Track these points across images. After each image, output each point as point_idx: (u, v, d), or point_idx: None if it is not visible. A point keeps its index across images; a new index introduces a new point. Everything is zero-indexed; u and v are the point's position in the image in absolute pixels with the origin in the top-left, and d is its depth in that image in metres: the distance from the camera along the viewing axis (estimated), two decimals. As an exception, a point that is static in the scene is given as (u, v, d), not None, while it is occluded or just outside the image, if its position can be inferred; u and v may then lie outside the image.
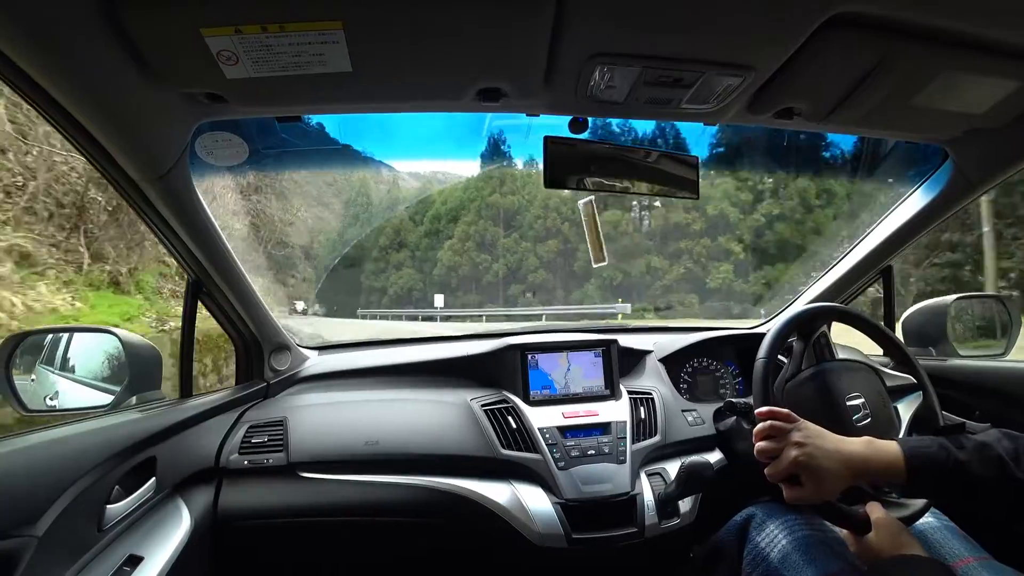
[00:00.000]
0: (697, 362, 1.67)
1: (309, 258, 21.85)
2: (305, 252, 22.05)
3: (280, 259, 19.34)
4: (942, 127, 1.11)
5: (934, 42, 0.81)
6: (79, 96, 0.77)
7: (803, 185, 13.79)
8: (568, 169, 1.06)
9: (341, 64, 0.77)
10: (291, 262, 20.97)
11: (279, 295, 19.62)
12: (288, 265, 19.97)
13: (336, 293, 20.12)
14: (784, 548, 0.95)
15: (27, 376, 1.16)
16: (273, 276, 19.19)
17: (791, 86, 0.91)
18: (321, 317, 19.04)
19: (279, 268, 19.25)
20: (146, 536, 0.96)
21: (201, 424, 1.18)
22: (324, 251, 22.28)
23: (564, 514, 1.17)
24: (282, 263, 19.38)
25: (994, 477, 0.75)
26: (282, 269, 19.44)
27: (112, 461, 0.87)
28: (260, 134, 1.07)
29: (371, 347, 1.76)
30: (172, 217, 1.05)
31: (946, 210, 1.33)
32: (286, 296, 19.80)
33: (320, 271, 21.85)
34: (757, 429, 0.88)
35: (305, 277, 21.56)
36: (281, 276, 20.05)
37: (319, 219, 21.87)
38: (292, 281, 21.10)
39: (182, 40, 0.70)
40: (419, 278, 21.48)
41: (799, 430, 0.85)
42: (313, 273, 21.36)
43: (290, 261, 20.84)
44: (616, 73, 0.86)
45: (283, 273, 19.84)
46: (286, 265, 19.64)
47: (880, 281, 1.58)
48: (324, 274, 21.63)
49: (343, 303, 20.75)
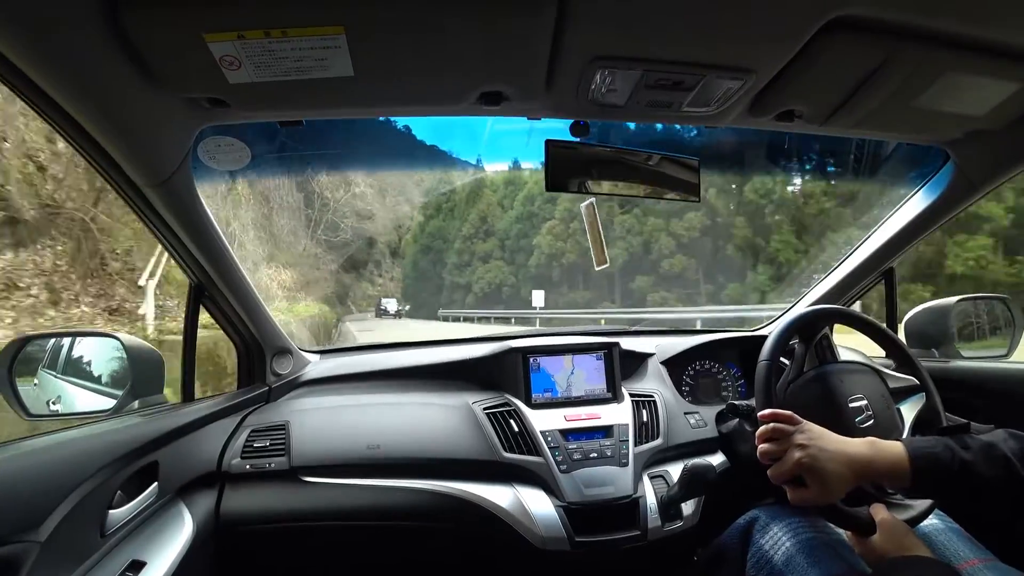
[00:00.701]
0: (699, 364, 1.67)
1: (395, 255, 20.93)
2: (391, 248, 21.12)
3: (357, 255, 18.68)
4: (943, 129, 1.11)
5: (935, 44, 0.81)
6: (82, 101, 0.77)
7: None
8: (570, 172, 1.06)
9: (343, 68, 0.77)
10: (373, 258, 20.17)
11: (360, 294, 18.80)
12: (364, 263, 19.18)
13: (416, 291, 18.93)
14: (788, 551, 0.94)
15: (30, 381, 1.16)
16: (355, 275, 18.59)
17: (792, 89, 0.91)
18: (395, 320, 18.47)
19: (357, 266, 18.57)
20: (148, 541, 0.96)
21: (203, 428, 1.18)
22: (406, 245, 21.26)
23: (567, 517, 1.17)
24: (358, 260, 18.66)
25: (1000, 477, 0.75)
26: (360, 267, 18.75)
27: (114, 466, 0.87)
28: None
29: (372, 351, 1.76)
30: (175, 221, 1.05)
31: (947, 212, 1.33)
32: (362, 295, 18.77)
33: (406, 268, 20.91)
34: (760, 431, 0.88)
35: (394, 276, 20.75)
36: (363, 274, 19.38)
37: (399, 209, 21.02)
38: (380, 280, 20.32)
39: (185, 45, 0.70)
40: (510, 271, 19.14)
41: (802, 432, 0.85)
42: (400, 271, 20.53)
43: (371, 257, 20.05)
44: (617, 76, 0.86)
45: (362, 271, 19.16)
46: (361, 263, 18.88)
47: (882, 283, 1.58)
48: (407, 270, 20.94)
49: (423, 303, 19.67)
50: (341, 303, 17.69)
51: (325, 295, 15.95)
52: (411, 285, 20.01)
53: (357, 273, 19.10)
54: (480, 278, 18.36)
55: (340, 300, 17.55)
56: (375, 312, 18.92)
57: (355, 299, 18.54)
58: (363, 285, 19.29)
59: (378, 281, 20.33)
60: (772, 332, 1.08)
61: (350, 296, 18.35)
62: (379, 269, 20.31)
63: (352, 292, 18.46)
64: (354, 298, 18.53)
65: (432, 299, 19.80)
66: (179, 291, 4.68)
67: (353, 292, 18.49)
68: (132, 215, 1.06)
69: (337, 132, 4.59)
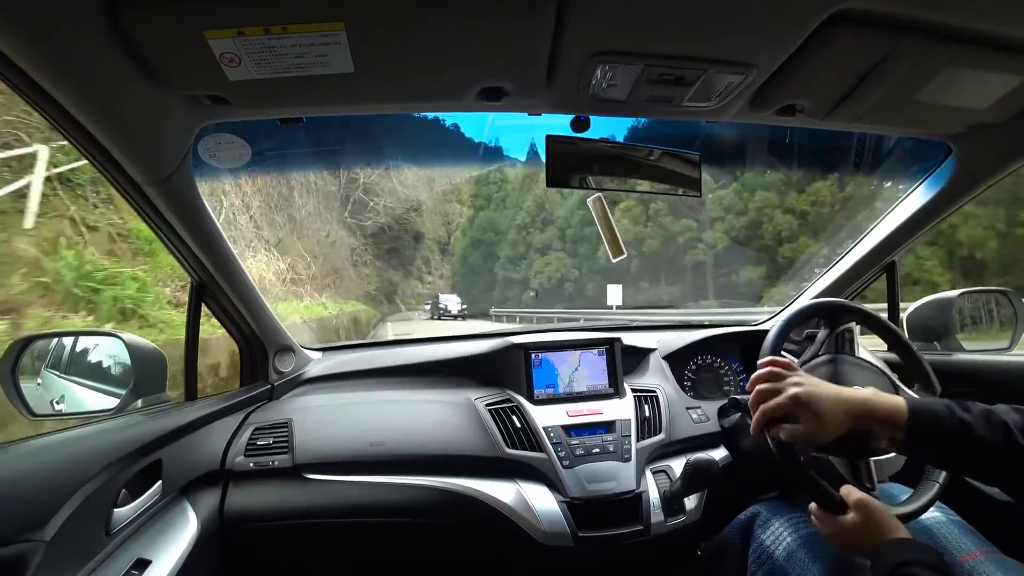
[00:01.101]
0: (701, 359, 1.67)
1: (444, 252, 19.42)
2: (440, 245, 19.78)
3: (405, 252, 17.73)
4: (945, 123, 1.11)
5: (937, 37, 0.81)
6: (82, 99, 0.77)
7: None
8: (571, 168, 1.06)
9: (343, 65, 0.77)
10: (422, 255, 19.05)
11: (407, 291, 17.74)
12: (411, 259, 18.19)
13: (466, 288, 17.16)
14: (789, 546, 0.94)
15: (34, 380, 1.16)
16: (403, 272, 17.63)
17: (793, 83, 0.91)
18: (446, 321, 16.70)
19: (406, 262, 17.59)
20: (153, 539, 0.96)
21: (206, 427, 1.19)
22: (456, 239, 19.60)
23: (570, 513, 1.18)
24: (406, 257, 17.71)
25: (998, 442, 0.74)
26: (409, 263, 17.78)
27: (119, 464, 0.88)
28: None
29: (374, 348, 1.76)
30: (175, 220, 1.05)
31: (949, 205, 1.32)
32: (410, 293, 17.65)
33: (455, 264, 19.62)
34: (756, 374, 0.88)
35: (443, 273, 19.56)
36: (412, 271, 18.42)
37: (446, 200, 19.71)
38: (429, 278, 19.19)
39: (184, 42, 0.70)
40: (573, 264, 16.38)
41: (798, 375, 0.85)
42: (449, 268, 19.42)
43: (420, 254, 18.99)
44: (618, 72, 0.86)
45: (411, 267, 18.19)
46: (409, 259, 17.89)
47: (884, 277, 1.58)
48: (456, 267, 19.27)
49: (474, 301, 17.46)
50: (389, 301, 16.60)
51: (366, 292, 14.89)
52: (460, 282, 18.49)
53: (405, 270, 18.11)
54: (538, 272, 16.16)
55: (388, 298, 16.53)
56: (431, 312, 16.96)
57: (403, 296, 17.51)
58: (411, 283, 18.19)
59: (427, 279, 19.14)
60: (773, 326, 1.08)
61: (398, 294, 17.37)
62: (428, 266, 18.91)
63: (401, 289, 17.47)
64: (403, 295, 17.51)
65: (483, 296, 17.93)
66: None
67: (402, 289, 17.56)
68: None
69: (379, 126, 4.54)
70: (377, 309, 14.94)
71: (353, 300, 13.37)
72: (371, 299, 15.04)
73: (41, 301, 3.89)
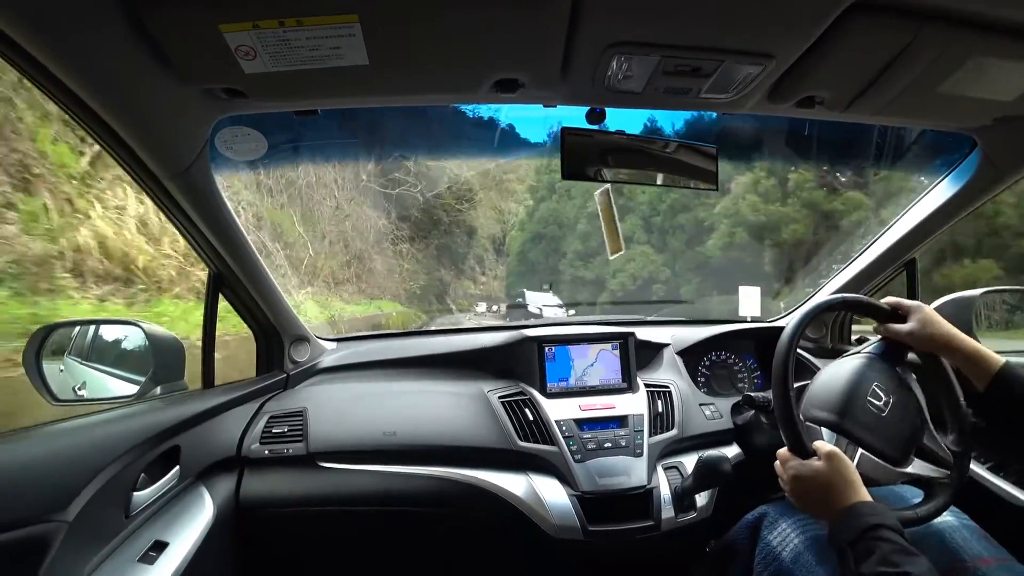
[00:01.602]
0: (715, 355, 1.66)
1: (499, 253, 17.59)
2: (495, 243, 17.85)
3: (456, 251, 16.18)
4: (970, 115, 1.08)
5: (962, 26, 0.78)
6: (101, 93, 0.78)
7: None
8: (586, 161, 1.05)
9: (358, 57, 0.77)
10: (475, 254, 17.16)
11: (460, 292, 16.48)
12: (463, 257, 16.65)
13: (527, 289, 14.65)
14: (796, 547, 0.94)
15: (57, 367, 1.19)
16: (455, 272, 16.51)
17: (813, 74, 0.89)
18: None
19: (457, 261, 16.47)
20: (171, 522, 0.99)
21: (223, 414, 1.21)
22: (511, 240, 17.57)
23: (580, 506, 1.18)
24: (457, 256, 16.50)
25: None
26: (459, 262, 16.58)
27: (138, 449, 0.90)
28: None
29: (389, 339, 1.77)
30: (193, 211, 1.07)
31: (973, 201, 1.29)
32: (462, 294, 16.21)
33: (511, 263, 17.45)
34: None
35: (497, 274, 17.62)
36: (465, 272, 17.17)
37: (505, 191, 17.85)
38: (483, 278, 17.51)
39: (201, 36, 0.71)
40: (663, 261, 13.08)
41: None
42: (505, 267, 17.21)
43: (472, 252, 17.41)
44: (634, 63, 0.85)
45: (463, 267, 16.98)
46: (460, 258, 16.59)
47: (904, 274, 1.55)
48: (512, 266, 17.19)
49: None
50: (440, 301, 15.25)
51: (408, 289, 13.47)
52: (516, 282, 16.32)
53: (457, 269, 16.83)
54: (617, 271, 13.31)
55: (439, 298, 15.26)
56: (508, 317, 14.67)
57: (455, 297, 15.93)
58: (464, 283, 16.87)
59: (481, 280, 17.28)
60: (789, 323, 1.06)
61: (449, 294, 15.88)
62: (482, 265, 17.26)
63: (452, 290, 16.12)
64: (454, 296, 15.99)
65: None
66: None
67: (453, 290, 16.22)
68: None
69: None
70: (417, 310, 13.52)
71: (386, 299, 12.25)
72: (415, 298, 13.87)
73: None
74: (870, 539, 0.72)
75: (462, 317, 14.97)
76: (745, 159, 8.69)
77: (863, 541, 0.72)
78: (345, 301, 10.30)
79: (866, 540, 0.72)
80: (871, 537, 0.72)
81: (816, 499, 0.84)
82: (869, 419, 0.93)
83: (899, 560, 0.68)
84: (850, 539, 0.73)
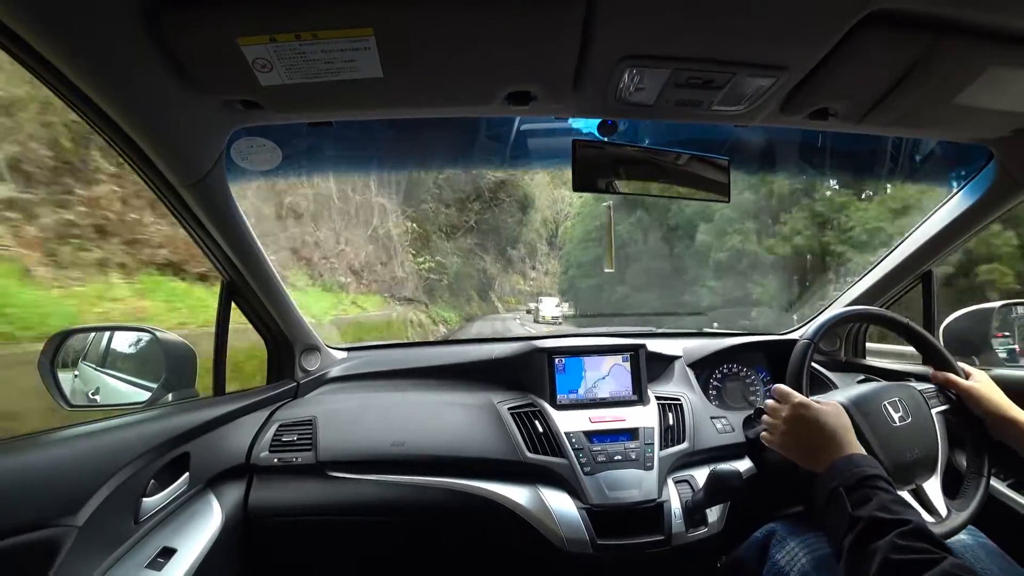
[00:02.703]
0: (727, 368, 1.64)
1: (552, 246, 16.63)
2: (548, 239, 16.87)
3: (503, 239, 15.24)
4: (987, 126, 1.06)
5: (977, 37, 0.78)
6: (120, 103, 0.80)
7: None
8: (597, 172, 1.05)
9: (372, 70, 0.78)
10: (530, 246, 16.31)
11: (508, 289, 15.30)
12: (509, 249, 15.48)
13: (580, 289, 13.94)
14: (804, 567, 0.92)
15: (71, 372, 1.21)
16: (504, 264, 15.51)
17: (826, 86, 0.88)
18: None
19: (503, 252, 15.21)
20: (179, 529, 0.99)
21: (233, 422, 1.21)
22: (564, 233, 16.30)
23: (589, 520, 1.16)
24: (504, 248, 15.07)
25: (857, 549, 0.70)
26: (505, 253, 15.11)
27: (148, 456, 0.90)
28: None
29: (398, 348, 1.78)
30: (208, 221, 1.08)
31: (990, 213, 1.27)
32: (510, 290, 14.66)
33: (568, 258, 16.01)
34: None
35: (548, 269, 16.82)
36: (514, 265, 15.81)
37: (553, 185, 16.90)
38: (533, 274, 16.83)
39: (220, 49, 0.72)
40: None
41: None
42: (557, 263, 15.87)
43: (528, 246, 16.17)
44: (646, 75, 0.85)
45: (512, 259, 15.55)
46: (505, 249, 15.34)
47: (920, 287, 1.53)
48: (568, 260, 15.84)
49: (590, 307, 14.59)
50: (482, 298, 14.64)
51: (449, 286, 12.46)
52: (571, 280, 14.73)
53: (506, 262, 15.06)
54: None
55: (481, 295, 14.58)
56: (534, 314, 14.59)
57: (501, 295, 15.06)
58: (513, 278, 15.75)
59: (531, 274, 16.28)
60: (805, 333, 1.05)
61: (495, 290, 15.08)
62: (533, 259, 15.85)
63: (499, 286, 15.36)
64: (500, 293, 15.09)
65: (595, 298, 13.62)
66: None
67: (500, 286, 15.48)
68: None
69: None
70: (459, 309, 12.72)
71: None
72: (464, 293, 13.03)
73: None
74: (868, 487, 0.71)
75: (508, 317, 14.53)
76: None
77: (861, 489, 0.72)
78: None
79: (864, 488, 0.72)
80: (869, 485, 0.72)
81: (813, 445, 0.83)
82: (878, 422, 0.92)
83: (898, 509, 0.68)
84: (848, 485, 0.73)
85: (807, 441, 0.85)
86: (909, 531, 0.64)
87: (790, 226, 11.40)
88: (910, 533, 0.64)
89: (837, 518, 0.72)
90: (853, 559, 0.67)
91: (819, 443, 0.83)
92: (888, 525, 0.65)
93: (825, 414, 0.85)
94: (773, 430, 0.91)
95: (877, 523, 0.66)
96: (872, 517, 0.67)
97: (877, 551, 0.63)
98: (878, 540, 0.64)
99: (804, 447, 0.85)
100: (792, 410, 0.88)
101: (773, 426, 0.91)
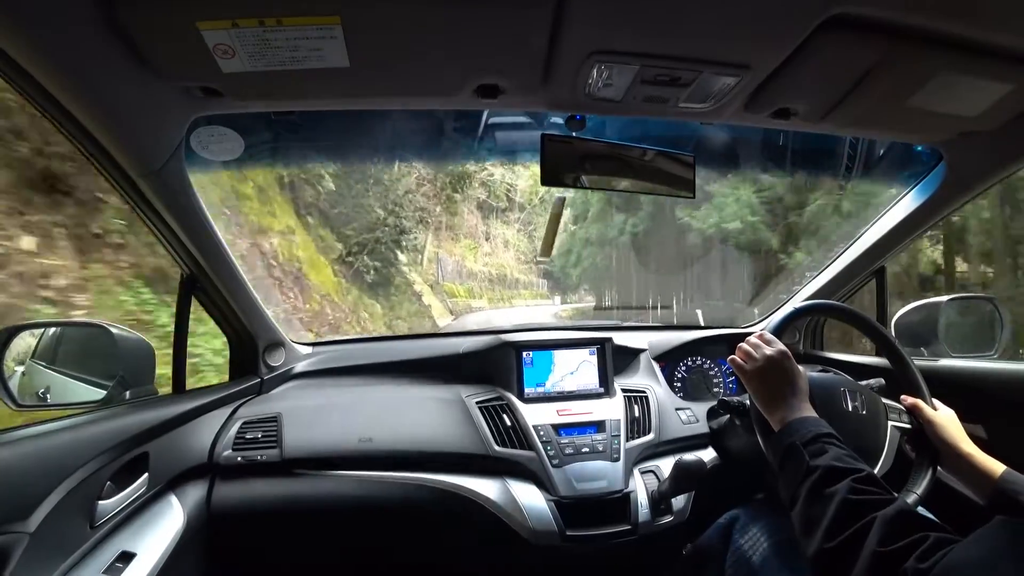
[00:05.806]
0: (691, 361, 1.68)
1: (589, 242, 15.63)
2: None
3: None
4: (936, 129, 1.11)
5: (930, 44, 0.81)
6: (73, 89, 0.76)
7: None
8: (565, 167, 1.06)
9: (338, 59, 0.77)
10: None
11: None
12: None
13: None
14: (765, 552, 0.96)
15: (19, 370, 1.15)
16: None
17: (788, 86, 0.91)
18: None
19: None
20: (139, 532, 0.96)
21: (194, 420, 1.18)
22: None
23: (558, 511, 1.18)
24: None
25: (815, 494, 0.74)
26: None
27: (104, 457, 0.87)
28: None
29: (365, 343, 1.75)
30: (166, 212, 1.05)
31: (939, 212, 1.34)
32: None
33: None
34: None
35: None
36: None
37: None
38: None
39: (178, 33, 0.69)
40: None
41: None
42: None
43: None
44: (614, 71, 0.86)
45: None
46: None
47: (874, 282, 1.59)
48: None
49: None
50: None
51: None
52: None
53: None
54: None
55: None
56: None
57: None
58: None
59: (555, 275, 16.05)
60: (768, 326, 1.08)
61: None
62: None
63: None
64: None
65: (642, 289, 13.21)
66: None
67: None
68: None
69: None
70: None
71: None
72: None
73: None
74: (824, 442, 0.76)
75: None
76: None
77: (817, 443, 0.76)
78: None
79: (820, 442, 0.76)
80: (824, 441, 0.76)
81: (779, 392, 0.87)
82: (832, 403, 0.95)
83: (851, 461, 0.73)
84: (804, 440, 0.77)
85: (775, 387, 0.88)
86: (864, 477, 0.69)
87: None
88: (865, 479, 0.69)
89: (794, 468, 0.75)
90: (809, 503, 0.70)
91: (784, 392, 0.86)
92: (845, 472, 0.70)
93: (799, 375, 0.89)
94: (749, 360, 0.93)
95: (834, 471, 0.71)
96: (829, 466, 0.71)
97: (836, 493, 0.67)
98: (836, 484, 0.68)
99: (771, 390, 0.88)
100: (777, 353, 0.91)
101: (750, 357, 0.93)
